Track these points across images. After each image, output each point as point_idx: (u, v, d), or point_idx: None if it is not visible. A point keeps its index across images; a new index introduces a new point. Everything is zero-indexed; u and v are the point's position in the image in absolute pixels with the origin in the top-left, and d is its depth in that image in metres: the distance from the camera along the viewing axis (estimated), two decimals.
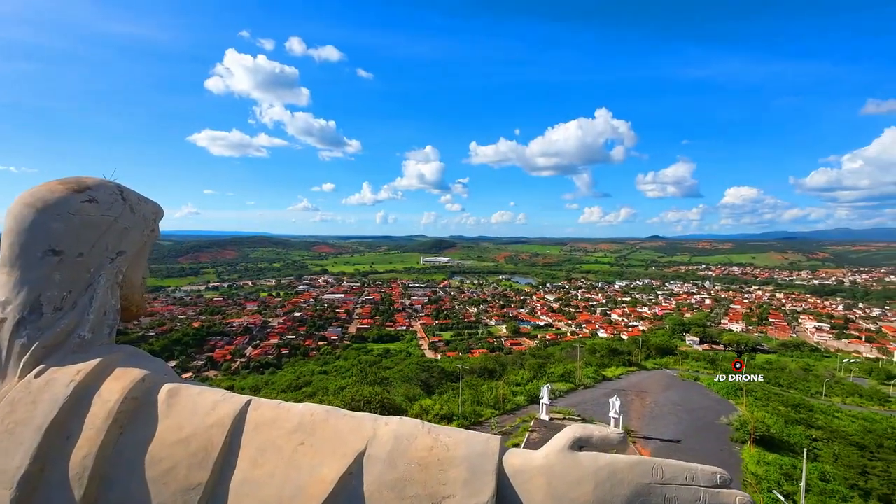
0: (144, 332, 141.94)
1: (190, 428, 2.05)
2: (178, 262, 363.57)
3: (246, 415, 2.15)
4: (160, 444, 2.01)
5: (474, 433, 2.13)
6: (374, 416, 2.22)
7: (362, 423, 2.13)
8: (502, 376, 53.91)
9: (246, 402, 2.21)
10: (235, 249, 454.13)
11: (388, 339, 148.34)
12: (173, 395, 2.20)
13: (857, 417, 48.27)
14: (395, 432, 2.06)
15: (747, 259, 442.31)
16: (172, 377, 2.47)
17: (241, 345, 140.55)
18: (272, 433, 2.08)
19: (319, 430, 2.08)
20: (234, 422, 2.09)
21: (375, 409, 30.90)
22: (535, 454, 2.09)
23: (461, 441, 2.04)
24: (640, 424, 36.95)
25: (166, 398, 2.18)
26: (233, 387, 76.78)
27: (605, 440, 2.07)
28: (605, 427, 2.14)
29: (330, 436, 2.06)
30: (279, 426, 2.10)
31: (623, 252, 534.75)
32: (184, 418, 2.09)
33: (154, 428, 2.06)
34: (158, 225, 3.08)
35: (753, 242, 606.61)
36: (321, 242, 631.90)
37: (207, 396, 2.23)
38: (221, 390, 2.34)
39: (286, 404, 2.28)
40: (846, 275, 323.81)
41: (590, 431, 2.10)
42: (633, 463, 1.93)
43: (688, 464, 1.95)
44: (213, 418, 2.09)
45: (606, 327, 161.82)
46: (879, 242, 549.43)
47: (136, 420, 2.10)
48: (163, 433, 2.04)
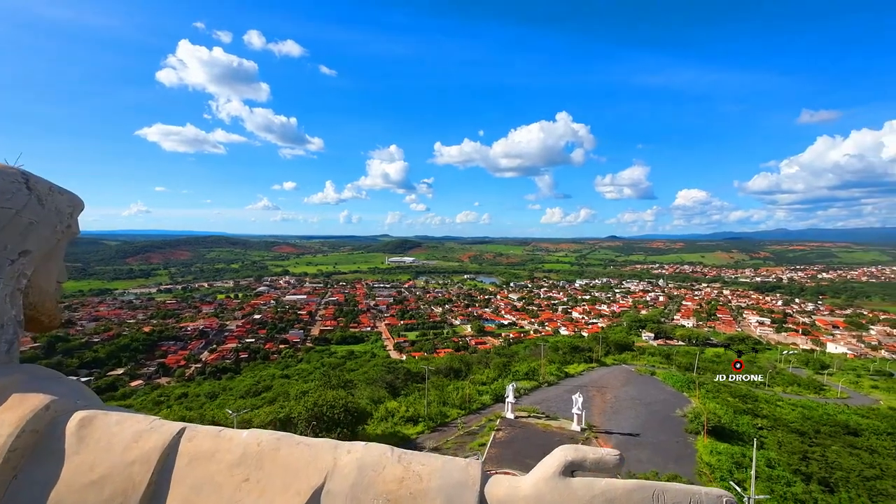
0: (88, 339, 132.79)
1: (105, 466, 1.68)
2: (127, 262, 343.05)
3: (178, 446, 1.77)
4: (67, 487, 1.63)
5: (451, 459, 1.84)
6: (333, 442, 1.88)
7: (320, 453, 1.78)
8: (468, 376, 54.15)
9: (178, 432, 1.82)
10: (190, 249, 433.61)
11: (352, 341, 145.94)
12: (86, 426, 1.78)
13: (797, 405, 51.84)
14: (359, 462, 1.75)
15: (697, 258, 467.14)
16: (89, 402, 2.04)
17: (196, 349, 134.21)
18: (210, 468, 1.72)
19: (268, 462, 1.73)
20: (162, 456, 1.72)
21: (339, 413, 30.18)
22: (523, 481, 1.82)
23: (436, 470, 1.75)
24: (601, 420, 38.04)
25: (77, 430, 1.77)
26: (186, 394, 73.23)
27: (599, 463, 1.82)
28: (600, 448, 1.90)
29: (280, 469, 1.72)
30: (219, 459, 1.74)
31: (583, 252, 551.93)
32: (98, 454, 1.70)
33: (59, 467, 1.67)
34: (77, 220, 2.56)
35: (703, 242, 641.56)
36: (282, 242, 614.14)
37: (129, 426, 1.83)
38: (149, 417, 1.94)
39: (228, 432, 1.89)
40: (784, 272, 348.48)
41: (583, 454, 1.85)
42: (632, 489, 1.72)
43: (691, 487, 1.74)
44: (135, 453, 1.71)
45: (568, 325, 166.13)
46: (813, 242, 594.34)
47: (36, 459, 1.69)
48: (71, 474, 1.66)
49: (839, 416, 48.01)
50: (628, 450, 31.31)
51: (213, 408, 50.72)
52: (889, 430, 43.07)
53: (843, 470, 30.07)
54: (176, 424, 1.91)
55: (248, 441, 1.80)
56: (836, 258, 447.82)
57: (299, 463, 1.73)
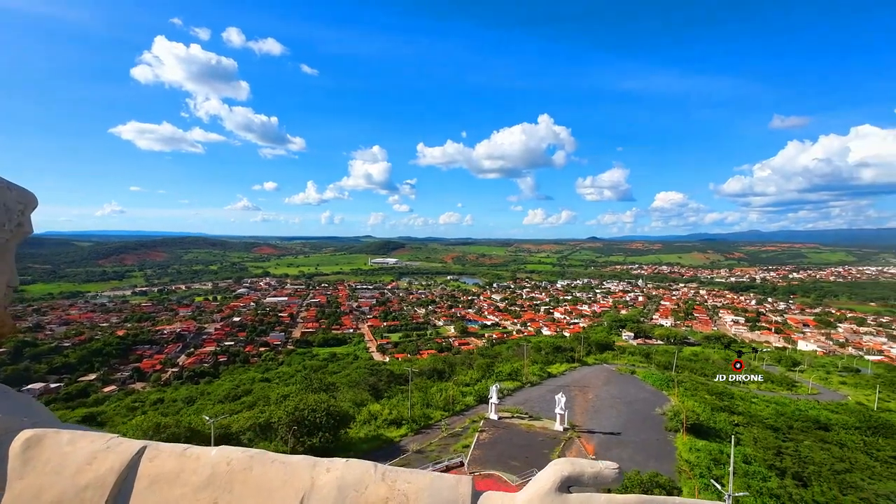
0: (58, 343, 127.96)
1: (54, 491, 1.53)
2: (100, 264, 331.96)
3: (137, 467, 1.61)
4: None
5: (439, 476, 1.73)
6: (311, 460, 1.73)
7: (296, 472, 1.65)
8: (452, 377, 54.15)
9: (138, 451, 1.66)
10: (166, 251, 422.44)
11: (334, 343, 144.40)
12: (32, 447, 1.62)
13: (771, 402, 53.41)
14: (339, 481, 1.62)
15: (675, 259, 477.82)
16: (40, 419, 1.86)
17: (172, 353, 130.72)
18: (174, 492, 1.59)
19: (239, 483, 1.59)
20: (119, 479, 1.56)
21: (321, 417, 29.73)
22: (517, 498, 1.72)
23: (423, 488, 1.63)
24: (583, 419, 38.46)
25: (22, 451, 1.61)
26: (162, 399, 71.25)
27: (598, 477, 1.74)
28: (598, 461, 1.80)
29: (253, 491, 1.58)
30: (184, 481, 1.60)
31: (564, 252, 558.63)
32: (46, 478, 1.55)
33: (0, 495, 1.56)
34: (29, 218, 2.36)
35: (680, 243, 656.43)
36: (262, 243, 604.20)
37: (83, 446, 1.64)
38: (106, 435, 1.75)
39: (195, 450, 1.73)
40: (757, 273, 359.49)
41: (580, 467, 1.76)
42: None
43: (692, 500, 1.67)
44: (88, 476, 1.55)
45: (550, 325, 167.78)
46: (784, 243, 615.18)
47: None
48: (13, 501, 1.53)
49: (810, 412, 49.66)
50: (610, 448, 31.72)
51: (190, 413, 49.44)
52: (857, 425, 44.72)
53: (815, 464, 31.05)
54: (136, 443, 1.72)
55: (217, 460, 1.64)
56: (806, 258, 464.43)
57: (273, 484, 1.59)
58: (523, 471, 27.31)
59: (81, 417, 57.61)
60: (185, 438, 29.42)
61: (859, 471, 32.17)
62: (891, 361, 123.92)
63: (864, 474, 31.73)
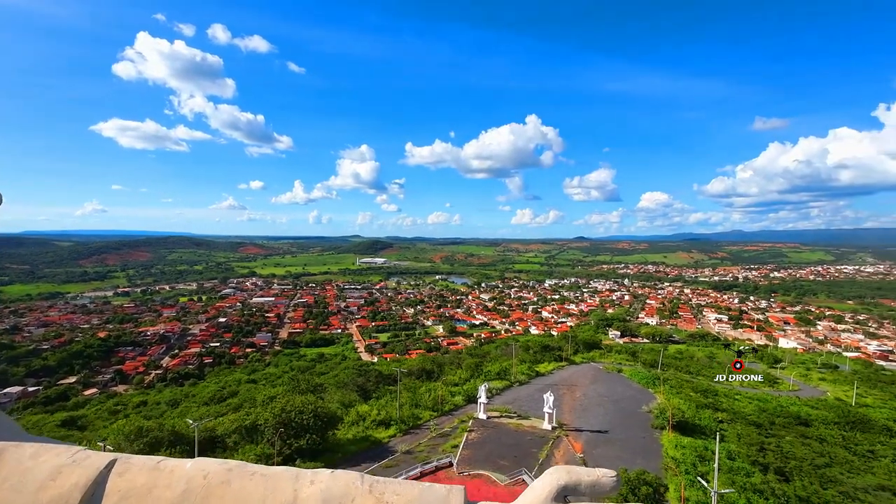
0: (36, 346, 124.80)
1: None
2: (80, 264, 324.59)
3: (105, 483, 1.51)
4: None
5: (429, 487, 1.62)
6: (294, 471, 1.63)
7: (278, 485, 1.55)
8: (440, 377, 54.08)
9: (106, 465, 1.57)
10: (150, 250, 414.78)
11: (322, 343, 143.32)
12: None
13: (753, 399, 54.42)
14: (324, 494, 1.53)
15: (660, 258, 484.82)
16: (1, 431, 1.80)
17: (156, 355, 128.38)
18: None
19: (216, 498, 1.48)
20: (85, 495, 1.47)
21: (308, 418, 29.39)
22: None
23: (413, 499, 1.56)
24: (571, 417, 38.71)
25: None
26: (146, 402, 69.84)
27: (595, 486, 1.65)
28: (595, 470, 1.75)
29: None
30: (156, 497, 1.49)
31: (552, 252, 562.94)
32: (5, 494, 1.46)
33: None
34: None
35: (665, 243, 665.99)
36: (249, 243, 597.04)
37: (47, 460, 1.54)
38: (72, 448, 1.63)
39: (169, 462, 1.64)
40: (740, 271, 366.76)
41: (577, 476, 1.71)
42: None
43: None
44: (52, 492, 1.46)
45: (538, 324, 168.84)
46: (765, 243, 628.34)
47: None
48: None
49: (791, 408, 50.75)
50: (597, 447, 31.98)
51: (174, 416, 48.55)
52: (836, 420, 45.87)
53: (796, 459, 31.73)
54: (104, 456, 1.62)
55: (193, 473, 1.55)
56: (787, 258, 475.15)
57: (253, 498, 1.50)
58: (512, 470, 27.39)
59: (61, 422, 56.17)
60: (168, 442, 28.85)
61: (839, 465, 32.98)
62: (867, 358, 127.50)
63: (844, 468, 32.56)
